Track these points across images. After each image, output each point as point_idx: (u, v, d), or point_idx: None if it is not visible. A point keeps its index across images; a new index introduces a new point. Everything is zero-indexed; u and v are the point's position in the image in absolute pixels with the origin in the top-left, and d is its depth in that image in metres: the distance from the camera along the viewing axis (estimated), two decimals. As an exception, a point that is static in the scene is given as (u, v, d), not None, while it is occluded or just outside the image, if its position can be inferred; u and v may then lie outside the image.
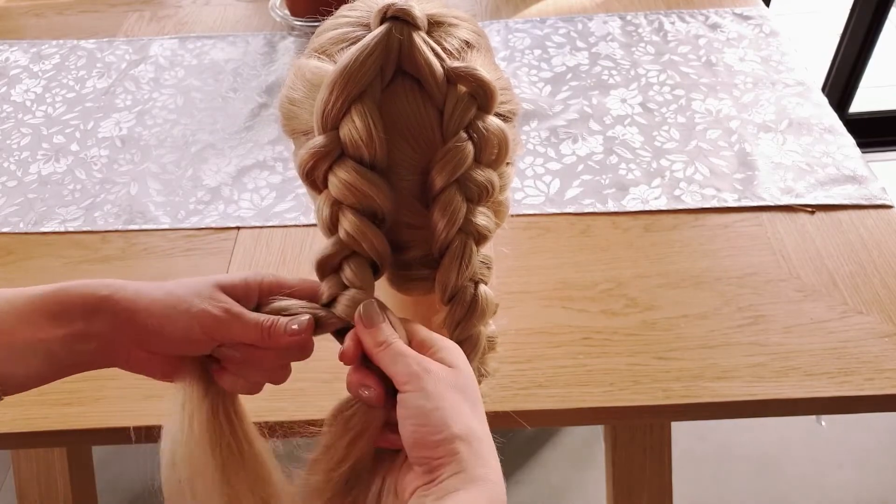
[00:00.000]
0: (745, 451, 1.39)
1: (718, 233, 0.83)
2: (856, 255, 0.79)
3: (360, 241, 0.45)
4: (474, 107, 0.46)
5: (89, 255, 0.86)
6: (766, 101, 0.99)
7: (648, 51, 1.10)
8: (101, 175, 0.96)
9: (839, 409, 0.70)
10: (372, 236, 0.45)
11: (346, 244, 0.45)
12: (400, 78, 0.45)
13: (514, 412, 0.67)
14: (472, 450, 0.40)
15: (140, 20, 1.25)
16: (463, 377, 0.43)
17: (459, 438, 0.40)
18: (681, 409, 0.68)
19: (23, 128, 1.04)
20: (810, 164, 0.90)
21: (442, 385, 0.41)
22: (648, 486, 0.89)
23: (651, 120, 0.98)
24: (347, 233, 0.45)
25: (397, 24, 0.44)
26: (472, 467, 0.39)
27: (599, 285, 0.78)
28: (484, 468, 0.40)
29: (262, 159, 0.97)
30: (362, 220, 0.45)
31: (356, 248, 0.45)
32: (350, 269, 0.46)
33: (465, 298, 0.47)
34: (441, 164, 0.45)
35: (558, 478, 1.37)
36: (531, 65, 1.09)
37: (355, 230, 0.45)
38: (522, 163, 0.93)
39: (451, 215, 0.45)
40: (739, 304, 0.75)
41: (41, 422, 0.70)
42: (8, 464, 1.18)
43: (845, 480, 1.34)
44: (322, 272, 0.47)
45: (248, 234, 0.87)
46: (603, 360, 0.71)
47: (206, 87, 1.09)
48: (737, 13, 1.16)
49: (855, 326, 0.72)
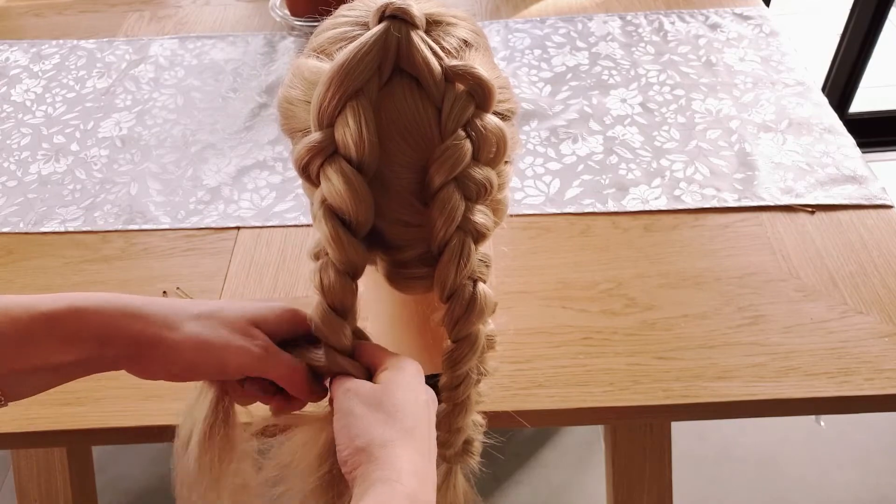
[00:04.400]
0: (744, 451, 1.39)
1: (718, 233, 0.83)
2: (856, 255, 0.79)
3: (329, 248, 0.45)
4: (472, 105, 0.46)
5: (89, 255, 0.86)
6: (766, 101, 0.99)
7: (648, 51, 1.10)
8: (101, 175, 0.96)
9: (839, 409, 0.70)
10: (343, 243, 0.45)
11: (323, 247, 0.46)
12: (398, 76, 0.45)
13: (514, 412, 0.67)
14: (373, 458, 0.41)
15: (140, 20, 1.25)
16: (383, 391, 0.45)
17: (359, 451, 0.42)
18: (681, 409, 0.68)
19: (23, 128, 1.04)
20: (810, 164, 0.90)
21: (354, 402, 0.44)
22: (648, 486, 0.89)
23: (651, 120, 0.98)
24: (322, 235, 0.46)
25: (395, 23, 0.44)
26: (370, 473, 0.41)
27: (599, 285, 0.78)
28: (383, 471, 0.40)
29: (262, 159, 0.97)
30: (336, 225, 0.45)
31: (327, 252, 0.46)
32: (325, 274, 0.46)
33: (463, 296, 0.47)
34: (439, 163, 0.45)
35: (558, 478, 1.37)
36: (531, 65, 1.09)
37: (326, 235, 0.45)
38: (522, 163, 0.93)
39: (450, 213, 0.46)
40: (739, 304, 0.75)
41: (41, 422, 0.70)
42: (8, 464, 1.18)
43: (845, 480, 1.34)
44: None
45: (248, 234, 0.87)
46: (603, 360, 0.71)
47: (206, 87, 1.09)
48: (737, 13, 1.16)
49: (855, 326, 0.72)
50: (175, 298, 0.47)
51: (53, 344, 0.43)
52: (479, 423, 0.55)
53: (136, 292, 0.80)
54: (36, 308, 0.43)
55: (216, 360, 0.46)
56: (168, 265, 0.84)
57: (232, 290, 0.81)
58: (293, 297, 0.79)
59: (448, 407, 0.51)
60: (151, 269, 0.84)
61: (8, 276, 0.84)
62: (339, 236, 0.45)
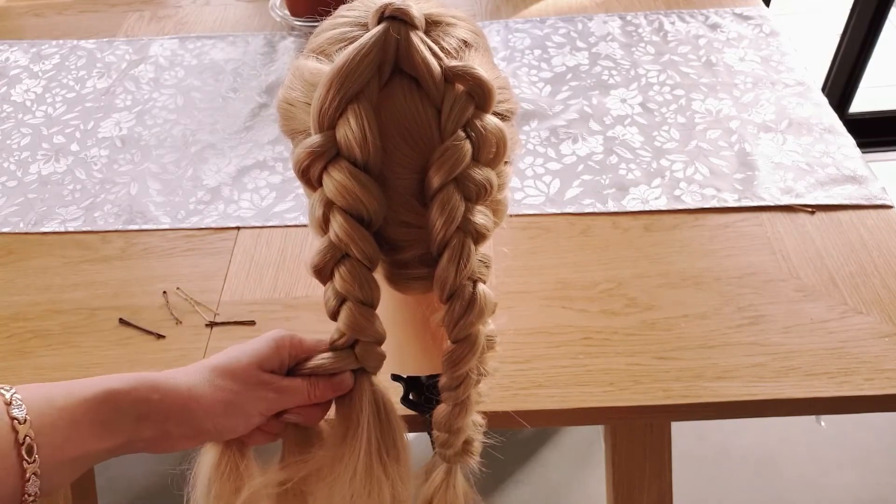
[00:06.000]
0: (744, 451, 1.39)
1: (718, 233, 0.83)
2: (856, 255, 0.79)
3: (349, 244, 0.45)
4: (472, 106, 0.46)
5: (89, 255, 0.86)
6: (766, 101, 0.99)
7: (648, 51, 1.10)
8: (101, 175, 0.96)
9: (839, 409, 0.70)
10: (360, 239, 0.45)
11: (337, 246, 0.46)
12: (398, 77, 0.45)
13: (514, 412, 0.67)
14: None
15: (140, 20, 1.25)
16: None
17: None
18: (681, 409, 0.68)
19: (23, 128, 1.04)
20: (810, 164, 0.90)
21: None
22: (648, 486, 0.89)
23: (651, 120, 0.98)
24: (337, 235, 0.45)
25: (395, 24, 0.44)
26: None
27: (599, 285, 0.78)
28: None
29: (262, 159, 0.97)
30: (351, 222, 0.45)
31: (347, 251, 0.46)
32: (341, 275, 0.46)
33: (463, 297, 0.47)
34: (439, 163, 0.45)
35: (558, 478, 1.37)
36: (531, 65, 1.09)
37: (344, 232, 0.45)
38: (522, 163, 0.93)
39: (450, 214, 0.45)
40: (739, 304, 0.75)
41: (41, 422, 0.70)
42: (8, 464, 1.18)
43: (845, 480, 1.34)
44: (320, 277, 0.48)
45: (248, 234, 0.87)
46: (603, 360, 0.71)
47: (206, 87, 1.09)
48: (737, 13, 1.16)
49: (855, 326, 0.72)
50: (189, 365, 0.48)
51: (95, 430, 0.44)
52: (479, 423, 0.55)
53: (136, 292, 0.81)
54: (77, 395, 0.44)
55: (243, 415, 0.49)
56: (168, 265, 0.84)
57: (232, 290, 0.81)
58: (293, 296, 0.80)
59: (448, 407, 0.51)
60: (151, 269, 0.84)
61: (8, 276, 0.84)
62: (357, 231, 0.45)
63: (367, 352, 0.49)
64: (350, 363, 0.49)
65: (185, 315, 0.79)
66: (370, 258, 0.46)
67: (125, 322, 0.78)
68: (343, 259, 0.46)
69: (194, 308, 0.79)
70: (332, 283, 0.47)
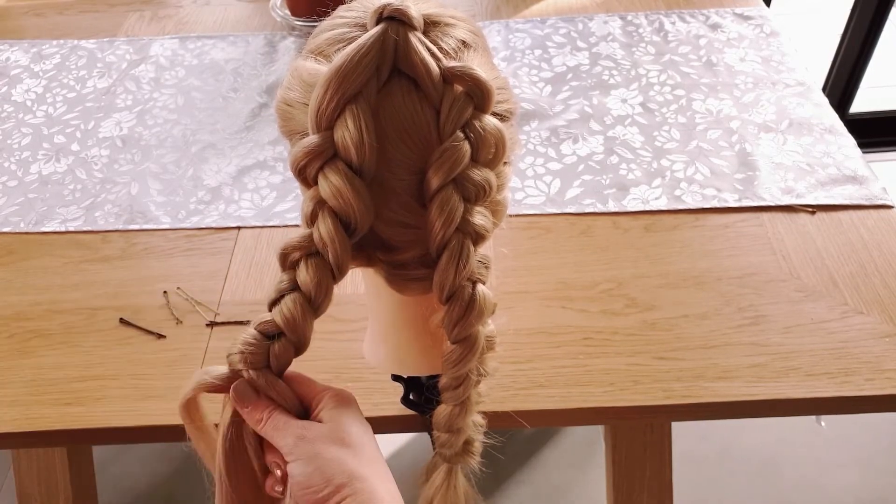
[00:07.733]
0: (745, 451, 1.39)
1: (719, 233, 0.83)
2: (856, 255, 0.79)
3: (328, 247, 0.45)
4: (471, 106, 0.46)
5: (89, 254, 0.86)
6: (767, 102, 0.99)
7: (649, 51, 1.10)
8: (101, 175, 0.96)
9: (839, 410, 0.70)
10: (340, 246, 0.45)
11: (315, 243, 0.46)
12: (396, 78, 0.45)
13: (514, 412, 0.67)
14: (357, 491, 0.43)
15: (140, 20, 1.25)
16: (339, 428, 0.46)
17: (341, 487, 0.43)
18: (681, 409, 0.68)
19: (23, 128, 1.04)
20: (811, 164, 0.90)
21: (318, 445, 0.45)
22: (648, 486, 0.89)
23: (651, 120, 0.98)
24: (321, 234, 0.45)
25: (393, 24, 0.44)
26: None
27: (599, 285, 0.78)
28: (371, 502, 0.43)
29: (263, 159, 0.97)
30: (338, 227, 0.45)
31: (322, 252, 0.46)
32: (306, 269, 0.46)
33: (462, 298, 0.47)
34: (438, 164, 0.45)
35: (558, 477, 1.37)
36: (531, 65, 1.09)
37: (328, 235, 0.45)
38: (523, 163, 0.93)
39: (448, 215, 0.45)
40: (740, 304, 0.75)
41: (41, 422, 0.70)
42: (8, 464, 1.18)
43: (845, 481, 1.34)
44: (283, 262, 0.48)
45: (249, 234, 0.87)
46: (603, 360, 0.71)
47: (206, 87, 1.09)
48: (737, 13, 1.16)
49: (855, 326, 0.72)
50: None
51: None
52: (479, 423, 0.55)
53: (137, 292, 0.81)
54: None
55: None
56: (168, 265, 0.84)
57: (232, 290, 0.81)
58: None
59: (448, 407, 0.51)
60: (152, 269, 0.84)
61: (8, 276, 0.84)
62: (340, 237, 0.45)
63: (284, 350, 0.47)
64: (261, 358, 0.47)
65: (186, 315, 0.79)
66: (339, 267, 0.46)
67: (125, 322, 0.78)
68: (314, 255, 0.46)
69: (195, 308, 0.79)
70: (292, 272, 0.47)
